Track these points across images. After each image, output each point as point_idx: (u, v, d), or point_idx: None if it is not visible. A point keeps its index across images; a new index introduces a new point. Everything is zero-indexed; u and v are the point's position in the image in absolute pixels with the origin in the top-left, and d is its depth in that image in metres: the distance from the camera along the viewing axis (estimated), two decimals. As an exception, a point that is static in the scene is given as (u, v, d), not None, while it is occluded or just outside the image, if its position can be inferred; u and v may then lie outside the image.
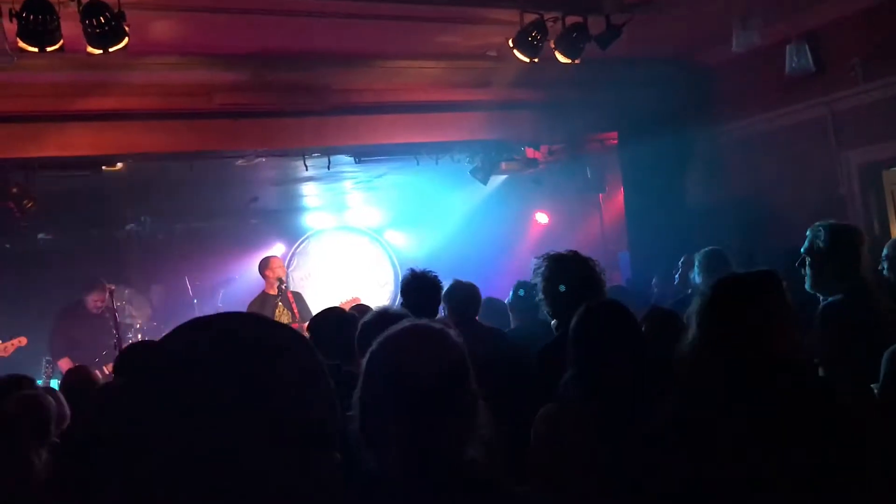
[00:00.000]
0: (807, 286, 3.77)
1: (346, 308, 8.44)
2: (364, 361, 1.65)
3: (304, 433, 0.93)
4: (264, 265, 7.84)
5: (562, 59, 5.78)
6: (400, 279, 4.49)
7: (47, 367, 6.97)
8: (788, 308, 2.36)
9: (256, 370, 0.92)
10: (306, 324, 7.65)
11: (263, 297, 7.69)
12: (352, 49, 6.52)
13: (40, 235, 9.41)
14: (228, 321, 1.00)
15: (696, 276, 5.56)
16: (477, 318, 4.68)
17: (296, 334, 1.01)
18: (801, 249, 3.82)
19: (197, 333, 0.96)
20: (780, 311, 2.33)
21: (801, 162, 7.06)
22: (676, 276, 6.30)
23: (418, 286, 4.18)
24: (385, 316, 3.19)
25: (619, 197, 8.81)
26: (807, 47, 6.60)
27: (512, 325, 5.29)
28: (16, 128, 6.22)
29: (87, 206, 8.94)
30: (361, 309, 4.77)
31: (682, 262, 6.28)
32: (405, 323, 1.68)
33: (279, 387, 0.93)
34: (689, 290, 5.95)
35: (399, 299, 4.30)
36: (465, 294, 4.51)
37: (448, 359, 1.60)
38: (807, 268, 3.77)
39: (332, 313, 4.17)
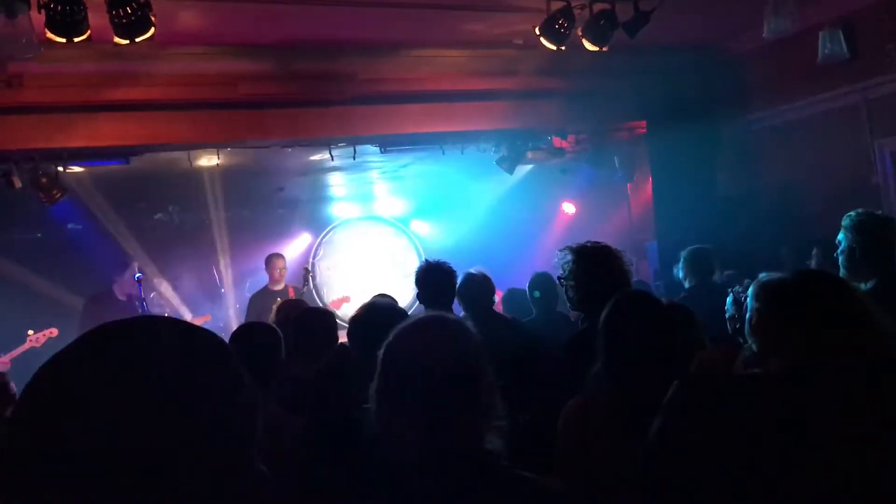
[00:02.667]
0: (841, 276, 3.73)
1: (338, 306, 8.66)
2: (380, 353, 1.63)
3: (226, 442, 0.90)
4: (265, 263, 8.15)
5: (589, 46, 5.70)
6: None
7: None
8: None
9: (174, 377, 0.90)
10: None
11: (266, 292, 7.87)
12: (377, 38, 6.49)
13: (70, 225, 9.51)
14: (142, 328, 0.97)
15: (679, 272, 5.53)
16: (492, 308, 4.67)
17: (213, 339, 0.98)
18: (837, 239, 3.79)
19: (111, 343, 0.93)
20: None
21: (834, 150, 6.93)
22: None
23: (433, 277, 4.16)
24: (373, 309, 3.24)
25: (648, 186, 8.71)
26: (840, 33, 6.45)
27: None
28: (44, 118, 6.28)
29: (116, 195, 9.03)
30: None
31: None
32: (422, 314, 1.66)
33: (198, 394, 0.90)
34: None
35: (415, 290, 4.29)
36: (477, 287, 4.48)
37: (465, 350, 1.58)
38: (840, 257, 3.75)
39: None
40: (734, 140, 7.97)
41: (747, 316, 3.08)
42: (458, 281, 4.38)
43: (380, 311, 3.15)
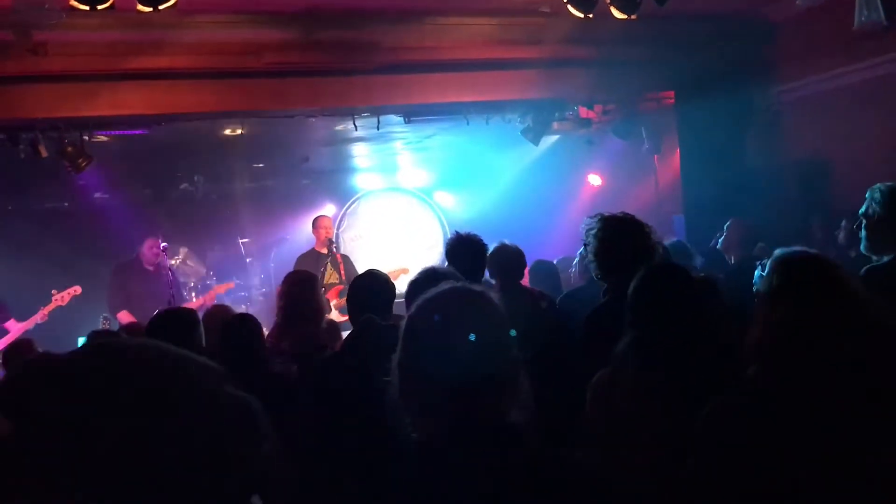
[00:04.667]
0: (861, 248, 3.69)
1: (395, 277, 8.56)
2: (403, 325, 1.61)
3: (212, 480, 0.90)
4: (313, 224, 8.02)
5: (618, 14, 5.59)
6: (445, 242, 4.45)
7: (104, 322, 7.13)
8: None
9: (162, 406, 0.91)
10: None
11: (314, 254, 7.76)
12: (402, 5, 6.42)
13: (96, 194, 9.59)
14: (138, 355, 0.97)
15: None
16: (522, 281, 4.64)
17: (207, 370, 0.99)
18: (860, 212, 3.71)
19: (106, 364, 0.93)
20: None
21: (868, 122, 6.76)
22: (720, 240, 6.09)
23: (464, 249, 4.14)
24: (432, 275, 3.17)
25: (675, 158, 8.60)
26: None
27: None
28: (69, 87, 6.31)
29: (142, 165, 9.07)
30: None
31: (726, 227, 6.06)
32: (445, 285, 1.62)
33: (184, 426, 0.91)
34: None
35: (445, 262, 4.26)
36: (510, 257, 4.45)
37: (489, 321, 1.55)
38: (863, 230, 3.68)
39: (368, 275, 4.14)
40: (764, 111, 7.82)
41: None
42: (490, 252, 4.34)
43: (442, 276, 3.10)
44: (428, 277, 3.11)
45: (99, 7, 4.48)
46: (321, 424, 2.98)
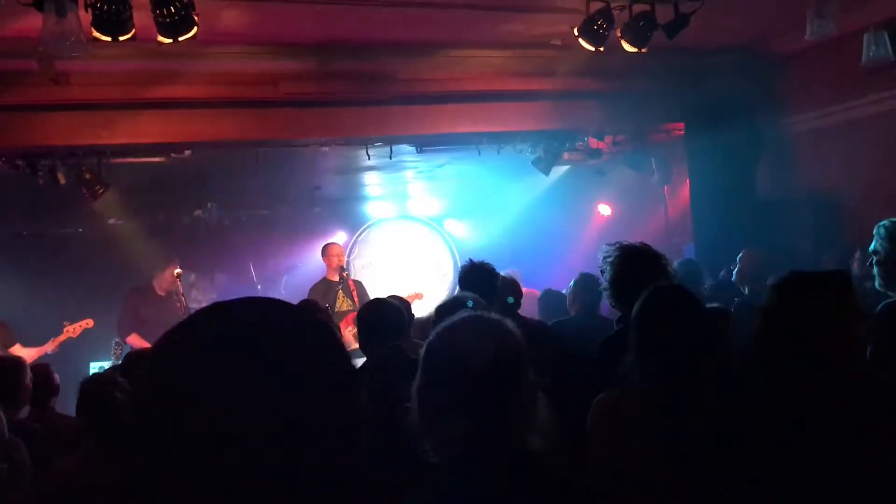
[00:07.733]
0: (876, 285, 3.69)
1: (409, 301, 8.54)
2: (422, 351, 1.65)
3: (320, 420, 0.91)
4: (323, 252, 7.99)
5: (628, 48, 5.67)
6: (459, 269, 4.52)
7: (116, 348, 7.18)
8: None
9: (273, 355, 0.91)
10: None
11: (325, 283, 7.77)
12: (416, 38, 6.52)
13: (111, 220, 9.68)
14: (245, 308, 0.99)
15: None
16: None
17: (308, 316, 1.01)
18: (870, 248, 3.73)
19: (214, 322, 0.95)
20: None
21: (877, 155, 6.80)
22: (734, 271, 6.10)
23: (477, 276, 4.19)
24: (460, 302, 3.25)
25: (685, 189, 8.63)
26: (886, 36, 6.33)
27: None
28: (89, 115, 6.42)
29: (156, 192, 9.16)
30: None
31: (739, 258, 6.07)
32: (463, 313, 1.66)
33: (296, 368, 0.92)
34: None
35: (457, 289, 4.32)
36: (504, 288, 4.50)
37: (506, 349, 1.59)
38: (875, 266, 3.69)
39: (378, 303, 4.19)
40: (775, 143, 7.87)
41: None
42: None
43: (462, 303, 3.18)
44: (455, 303, 3.19)
45: (121, 38, 4.58)
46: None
